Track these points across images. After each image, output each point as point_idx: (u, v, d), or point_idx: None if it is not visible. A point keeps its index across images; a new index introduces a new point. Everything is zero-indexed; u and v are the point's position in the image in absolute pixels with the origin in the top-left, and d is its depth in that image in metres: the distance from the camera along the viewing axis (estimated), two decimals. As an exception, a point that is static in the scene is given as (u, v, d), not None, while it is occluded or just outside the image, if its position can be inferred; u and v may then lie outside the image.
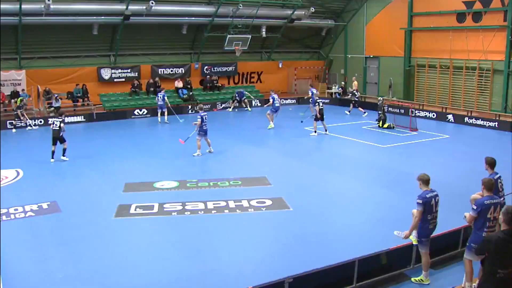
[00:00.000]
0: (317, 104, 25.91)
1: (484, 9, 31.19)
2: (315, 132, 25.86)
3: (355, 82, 37.34)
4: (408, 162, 20.83)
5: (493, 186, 9.25)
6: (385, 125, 28.08)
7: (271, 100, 28.37)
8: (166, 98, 30.20)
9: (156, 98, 30.77)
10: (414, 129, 27.47)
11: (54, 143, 20.38)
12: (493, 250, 7.11)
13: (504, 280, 7.08)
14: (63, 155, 20.48)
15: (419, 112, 32.16)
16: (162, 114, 30.27)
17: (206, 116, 21.30)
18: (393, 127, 28.00)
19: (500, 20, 30.32)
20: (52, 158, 20.35)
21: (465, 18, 32.45)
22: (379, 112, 28.73)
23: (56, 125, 20.34)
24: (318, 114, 25.66)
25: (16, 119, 28.10)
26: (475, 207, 8.95)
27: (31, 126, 28.63)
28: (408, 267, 10.56)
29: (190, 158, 21.04)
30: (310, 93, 30.67)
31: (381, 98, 29.82)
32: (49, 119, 27.65)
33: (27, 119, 28.51)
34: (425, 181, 9.69)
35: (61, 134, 20.32)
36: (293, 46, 44.35)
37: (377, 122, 28.71)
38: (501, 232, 7.21)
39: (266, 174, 18.15)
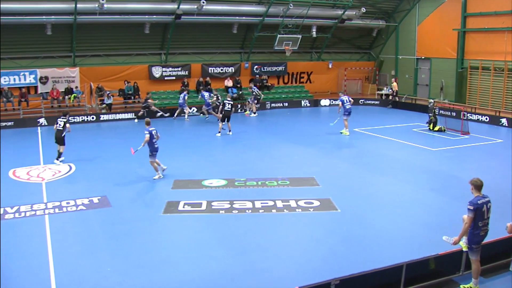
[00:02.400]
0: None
1: (541, 9, 30.37)
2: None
3: (395, 84, 37.44)
4: (458, 166, 20.46)
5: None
6: (436, 128, 27.62)
7: (339, 103, 26.87)
8: (186, 97, 32.06)
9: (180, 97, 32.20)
10: (465, 133, 26.94)
11: (58, 143, 19.80)
12: None
13: None
14: (57, 159, 19.86)
15: (471, 115, 31.51)
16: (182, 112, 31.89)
17: (155, 131, 17.94)
18: (444, 130, 27.53)
19: (558, 21, 29.47)
20: (57, 159, 19.97)
21: (521, 19, 31.68)
22: (430, 114, 28.29)
23: (60, 125, 19.76)
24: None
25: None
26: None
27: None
28: (457, 274, 10.38)
29: (239, 157, 21.13)
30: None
31: (432, 101, 29.33)
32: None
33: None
34: (478, 186, 9.50)
35: (63, 135, 19.70)
36: (343, 47, 44.06)
37: (427, 124, 28.27)
38: None
39: (315, 175, 18.12)
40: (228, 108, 25.58)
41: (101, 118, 30.73)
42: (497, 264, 10.84)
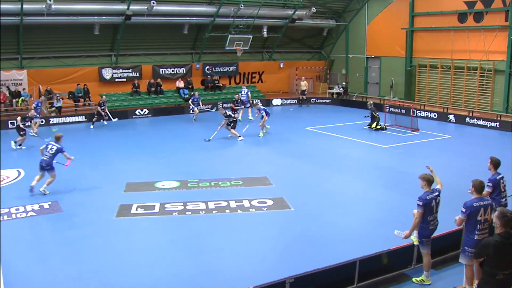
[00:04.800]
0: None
1: (486, 9, 31.17)
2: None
3: (305, 82, 39.07)
4: (409, 162, 20.81)
5: (482, 188, 9.23)
6: (378, 127, 27.89)
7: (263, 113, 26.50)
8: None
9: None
10: (415, 129, 27.46)
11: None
12: (492, 253, 7.15)
13: (503, 282, 7.16)
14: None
15: (420, 112, 32.14)
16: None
17: (52, 146, 16.16)
18: (385, 128, 27.95)
19: (501, 20, 30.29)
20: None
21: (466, 18, 32.43)
22: (367, 116, 28.61)
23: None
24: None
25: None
26: (464, 210, 8.93)
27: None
28: (409, 268, 10.55)
29: (191, 158, 21.04)
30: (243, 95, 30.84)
31: (372, 102, 29.48)
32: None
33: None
34: (428, 181, 9.67)
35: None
36: (294, 46, 44.37)
37: (368, 126, 28.40)
38: (497, 235, 7.23)
39: (267, 174, 18.17)
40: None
41: (51, 122, 30.12)
42: (447, 256, 11.05)
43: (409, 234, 9.85)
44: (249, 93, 30.37)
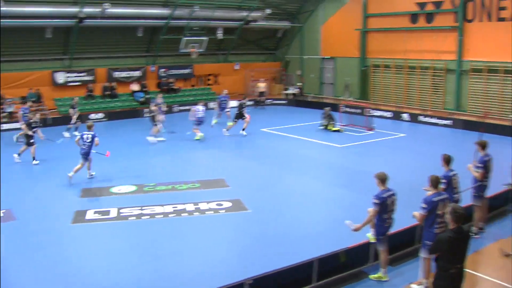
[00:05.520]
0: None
1: (436, 10, 31.82)
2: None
3: (263, 84, 38.96)
4: (365, 161, 21.09)
5: (438, 183, 9.46)
6: (335, 128, 27.81)
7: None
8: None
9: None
10: (370, 129, 27.83)
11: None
12: (446, 249, 7.34)
13: (456, 275, 7.39)
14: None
15: (375, 112, 32.57)
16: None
17: (87, 135, 17.97)
18: (342, 131, 27.93)
19: (451, 21, 30.97)
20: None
21: (418, 19, 33.04)
22: (323, 122, 28.42)
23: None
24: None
25: None
26: (424, 206, 9.18)
27: None
28: (367, 265, 10.68)
29: (147, 162, 20.88)
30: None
31: (328, 108, 29.43)
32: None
33: None
34: (383, 179, 9.82)
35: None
36: (249, 48, 44.36)
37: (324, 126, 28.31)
38: (450, 231, 7.41)
39: (224, 176, 18.15)
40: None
41: (2, 128, 29.40)
42: (404, 253, 11.25)
43: (360, 227, 10.00)
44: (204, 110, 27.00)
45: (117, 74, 36.17)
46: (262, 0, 37.70)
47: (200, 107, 25.50)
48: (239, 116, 26.27)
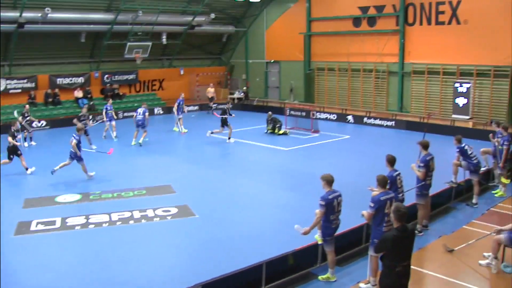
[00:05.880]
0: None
1: (378, 14, 32.53)
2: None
3: (212, 89, 38.65)
4: (311, 163, 21.31)
5: (386, 183, 9.67)
6: (281, 132, 28.01)
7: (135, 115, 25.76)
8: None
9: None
10: (316, 131, 28.11)
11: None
12: (391, 247, 7.47)
13: (402, 273, 7.52)
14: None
15: (320, 115, 32.98)
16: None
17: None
18: (288, 133, 28.20)
19: (392, 24, 31.70)
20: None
21: (360, 23, 33.68)
22: (268, 127, 28.46)
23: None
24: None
25: None
26: (372, 205, 9.37)
27: None
28: (315, 266, 10.79)
29: (92, 169, 20.48)
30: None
31: (271, 113, 29.18)
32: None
33: None
34: (329, 181, 9.92)
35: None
36: (194, 53, 44.23)
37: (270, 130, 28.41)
38: (394, 230, 7.55)
39: (171, 182, 18.02)
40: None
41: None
42: (351, 253, 11.44)
43: (309, 230, 10.04)
44: (146, 113, 25.66)
45: (60, 81, 35.40)
46: (206, 4, 37.65)
47: (140, 110, 25.29)
48: (224, 122, 25.87)
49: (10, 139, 19.73)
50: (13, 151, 19.87)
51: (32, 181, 19.01)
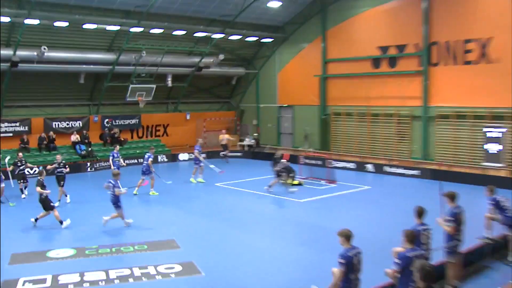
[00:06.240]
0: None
1: (399, 54, 32.54)
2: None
3: (226, 136, 38.57)
4: (327, 216, 21.01)
5: (414, 238, 9.34)
6: (295, 182, 27.51)
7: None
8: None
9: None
10: (332, 181, 27.81)
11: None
12: None
13: None
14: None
15: (337, 163, 32.68)
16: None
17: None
18: (302, 184, 27.88)
19: (415, 65, 31.68)
20: None
21: (380, 64, 33.67)
22: (281, 178, 27.75)
23: None
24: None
25: None
26: (398, 261, 9.00)
27: None
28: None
29: (88, 222, 20.29)
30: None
31: (285, 161, 28.77)
32: None
33: None
34: (347, 237, 9.62)
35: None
36: (201, 96, 44.51)
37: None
38: None
39: (174, 236, 17.73)
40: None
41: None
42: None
43: (327, 293, 9.71)
44: (150, 159, 26.01)
45: (56, 124, 35.51)
46: (215, 45, 37.96)
47: (146, 156, 25.41)
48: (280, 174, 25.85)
49: (38, 189, 19.39)
50: (46, 203, 19.39)
51: (21, 234, 18.69)
